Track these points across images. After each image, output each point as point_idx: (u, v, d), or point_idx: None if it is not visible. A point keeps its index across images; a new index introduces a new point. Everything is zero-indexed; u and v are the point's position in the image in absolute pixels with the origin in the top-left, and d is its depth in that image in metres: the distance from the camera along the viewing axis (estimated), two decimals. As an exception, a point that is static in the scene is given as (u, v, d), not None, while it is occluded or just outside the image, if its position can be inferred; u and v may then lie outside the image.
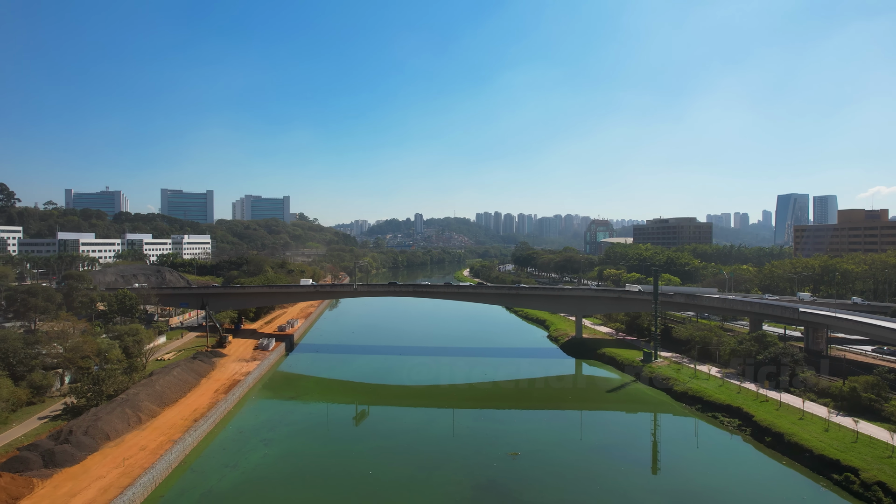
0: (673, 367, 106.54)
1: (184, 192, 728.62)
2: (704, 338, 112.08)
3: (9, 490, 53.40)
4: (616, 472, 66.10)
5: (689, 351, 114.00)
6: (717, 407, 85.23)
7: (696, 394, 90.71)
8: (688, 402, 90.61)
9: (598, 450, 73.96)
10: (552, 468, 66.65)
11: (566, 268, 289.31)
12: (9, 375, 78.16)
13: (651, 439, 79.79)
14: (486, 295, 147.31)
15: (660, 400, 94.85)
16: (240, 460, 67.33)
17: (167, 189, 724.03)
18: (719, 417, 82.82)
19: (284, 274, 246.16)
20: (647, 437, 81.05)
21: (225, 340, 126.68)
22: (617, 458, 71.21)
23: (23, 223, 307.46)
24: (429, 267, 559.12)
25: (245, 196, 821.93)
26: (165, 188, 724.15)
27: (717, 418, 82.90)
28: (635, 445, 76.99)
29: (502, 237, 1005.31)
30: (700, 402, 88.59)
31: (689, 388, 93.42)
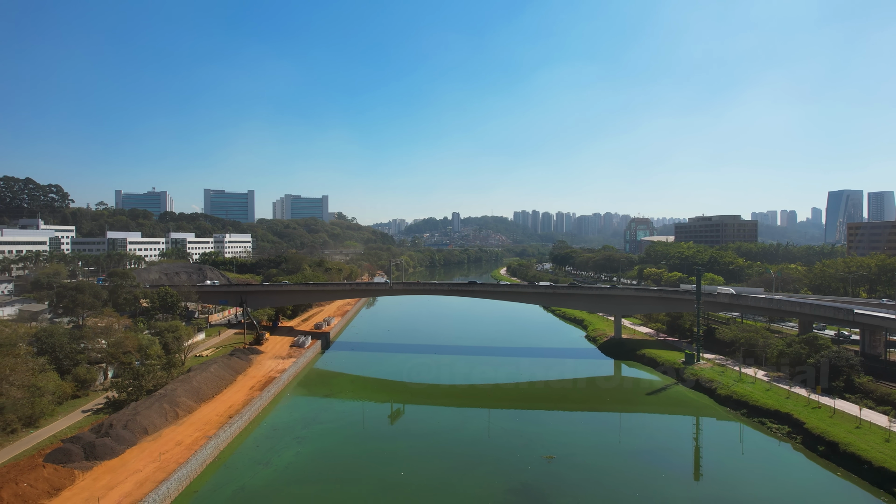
0: (716, 369, 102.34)
1: (226, 193, 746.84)
2: (750, 339, 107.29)
3: (51, 481, 54.66)
4: (656, 477, 63.41)
5: (733, 353, 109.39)
6: (764, 412, 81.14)
7: (742, 398, 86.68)
8: (732, 406, 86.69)
9: (637, 454, 71.19)
10: (589, 473, 64.46)
11: (605, 267, 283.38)
12: (56, 369, 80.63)
13: (693, 444, 76.37)
14: (522, 294, 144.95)
15: (702, 403, 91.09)
16: (272, 458, 67.46)
17: (210, 189, 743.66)
18: (766, 423, 78.80)
19: (322, 272, 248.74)
20: (688, 441, 77.69)
21: (262, 338, 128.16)
22: (657, 463, 68.36)
23: (76, 223, 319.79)
24: (466, 266, 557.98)
25: (285, 196, 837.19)
26: (208, 188, 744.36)
27: (764, 424, 78.90)
28: (676, 450, 73.83)
29: (540, 236, 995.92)
30: (745, 406, 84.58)
31: (733, 391, 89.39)
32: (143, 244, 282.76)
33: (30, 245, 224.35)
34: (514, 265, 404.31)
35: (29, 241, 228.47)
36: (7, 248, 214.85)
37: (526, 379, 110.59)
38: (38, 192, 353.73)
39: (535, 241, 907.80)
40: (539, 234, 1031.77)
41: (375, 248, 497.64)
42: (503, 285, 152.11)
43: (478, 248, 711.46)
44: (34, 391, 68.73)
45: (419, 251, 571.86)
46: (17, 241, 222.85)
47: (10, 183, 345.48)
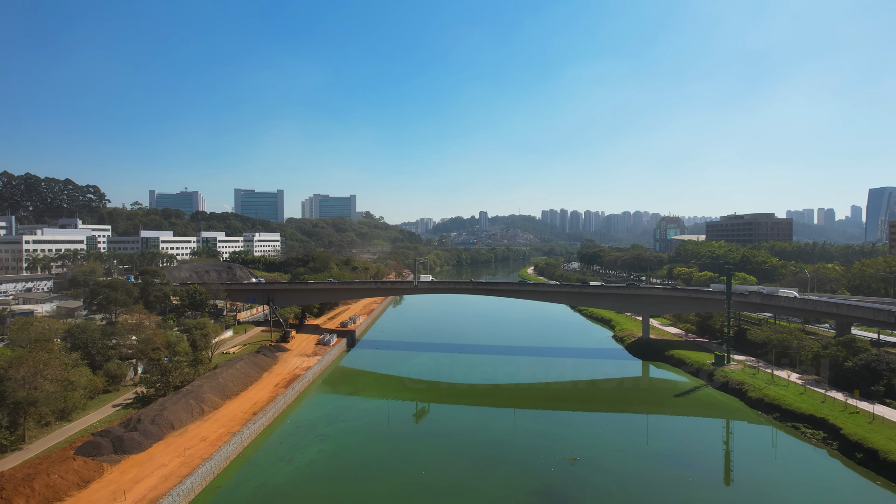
0: (747, 371, 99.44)
1: (256, 192, 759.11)
2: (783, 341, 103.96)
3: (81, 473, 55.90)
4: (683, 482, 61.58)
5: (765, 354, 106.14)
6: (798, 416, 78.38)
7: (774, 401, 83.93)
8: (764, 409, 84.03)
9: (664, 458, 69.42)
10: (613, 476, 63.08)
11: (634, 266, 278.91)
12: (88, 364, 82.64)
13: (723, 448, 74.29)
14: (548, 293, 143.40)
15: (733, 406, 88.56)
16: (295, 455, 67.84)
17: (240, 189, 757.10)
18: (800, 428, 76.04)
19: (349, 271, 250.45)
20: (718, 445, 75.58)
21: (288, 335, 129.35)
22: (684, 467, 66.52)
23: (112, 222, 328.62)
24: (493, 265, 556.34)
25: (313, 195, 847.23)
26: (239, 188, 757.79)
27: (797, 429, 76.18)
28: (705, 454, 71.81)
29: (568, 235, 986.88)
30: (778, 410, 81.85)
31: (765, 394, 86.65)
32: (175, 243, 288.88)
33: (68, 244, 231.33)
34: (541, 264, 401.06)
35: (67, 239, 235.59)
36: (47, 247, 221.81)
37: (551, 379, 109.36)
38: (77, 193, 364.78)
39: (564, 240, 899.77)
40: (567, 232, 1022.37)
41: (402, 247, 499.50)
42: (528, 284, 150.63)
43: (505, 247, 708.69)
44: (67, 385, 70.48)
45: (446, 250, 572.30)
46: (56, 240, 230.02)
47: (52, 184, 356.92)
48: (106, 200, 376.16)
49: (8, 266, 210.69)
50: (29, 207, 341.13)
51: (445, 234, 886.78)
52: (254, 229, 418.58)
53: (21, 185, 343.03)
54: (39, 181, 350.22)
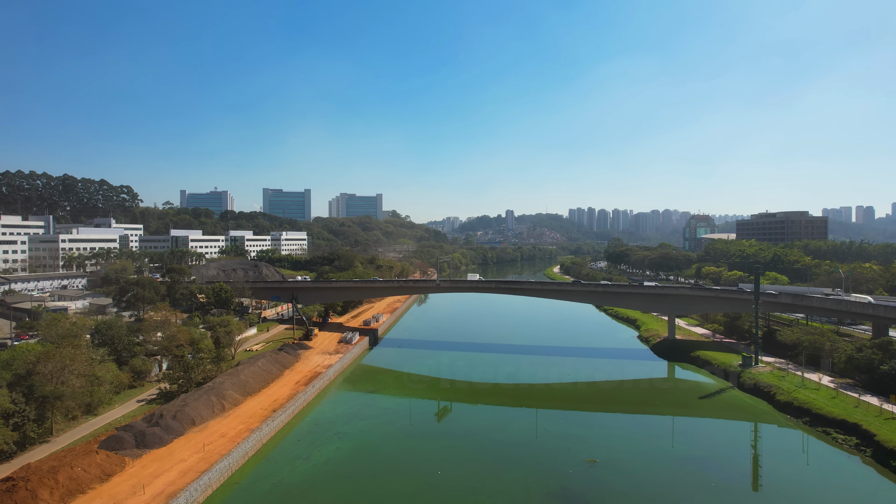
0: (776, 373, 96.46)
1: (283, 192, 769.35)
2: (814, 342, 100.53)
3: (103, 467, 57.04)
4: (706, 486, 59.73)
5: (795, 356, 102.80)
6: (829, 421, 75.67)
7: (804, 405, 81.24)
8: (793, 413, 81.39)
9: (686, 461, 67.60)
10: (632, 479, 61.69)
11: (661, 265, 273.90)
12: (114, 360, 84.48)
13: (749, 452, 72.08)
14: (571, 292, 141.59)
15: (760, 409, 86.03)
16: (312, 452, 68.15)
17: (268, 189, 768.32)
18: (831, 433, 73.45)
19: (373, 269, 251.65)
20: (744, 449, 73.36)
21: (311, 333, 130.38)
22: (708, 471, 64.63)
23: (144, 221, 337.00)
24: (519, 264, 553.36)
25: (340, 194, 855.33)
26: (267, 188, 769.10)
27: (828, 434, 73.60)
28: (730, 459, 69.72)
29: (596, 233, 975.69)
30: (808, 414, 79.20)
31: (794, 397, 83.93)
32: (204, 241, 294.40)
33: (102, 243, 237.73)
34: (567, 263, 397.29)
35: (101, 238, 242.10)
36: (82, 246, 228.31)
37: (573, 379, 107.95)
38: (112, 193, 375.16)
39: (591, 238, 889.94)
40: (595, 231, 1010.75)
41: (428, 246, 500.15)
42: (551, 283, 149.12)
43: (531, 245, 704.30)
44: (93, 381, 72.06)
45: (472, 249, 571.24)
46: (90, 239, 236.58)
47: (88, 185, 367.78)
48: (139, 200, 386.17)
49: (45, 264, 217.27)
50: (66, 207, 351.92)
51: (472, 233, 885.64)
52: (281, 228, 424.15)
53: (59, 186, 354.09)
54: (76, 182, 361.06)
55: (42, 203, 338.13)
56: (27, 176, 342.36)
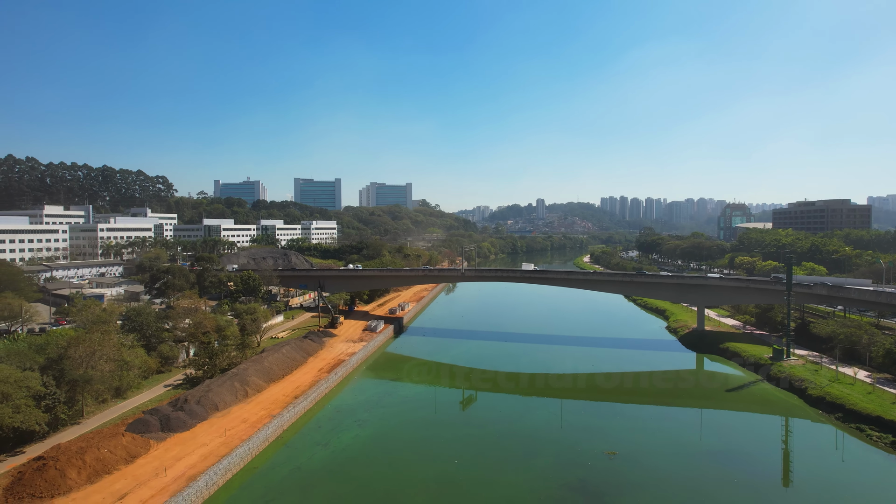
0: (809, 367, 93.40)
1: (314, 181, 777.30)
2: (850, 335, 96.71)
3: (129, 449, 58.82)
4: (728, 482, 58.06)
5: (830, 350, 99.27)
6: (864, 418, 72.90)
7: (837, 400, 78.44)
8: (825, 408, 78.68)
9: (711, 455, 66.04)
10: (654, 473, 60.58)
11: (693, 255, 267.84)
12: (143, 346, 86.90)
13: (776, 447, 69.97)
14: (598, 282, 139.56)
15: (791, 404, 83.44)
16: (332, 439, 68.93)
17: (300, 178, 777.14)
18: (866, 430, 70.76)
19: (401, 258, 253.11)
20: (773, 444, 71.16)
21: (336, 321, 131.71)
22: (734, 465, 62.82)
23: (178, 211, 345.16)
24: (549, 253, 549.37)
25: (370, 183, 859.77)
26: (298, 177, 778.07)
27: (862, 431, 70.93)
28: (756, 454, 67.64)
29: (628, 223, 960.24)
30: (841, 410, 76.45)
31: (827, 392, 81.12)
32: (236, 230, 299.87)
33: (137, 231, 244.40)
34: (597, 253, 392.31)
35: (136, 227, 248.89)
36: (118, 235, 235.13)
37: (598, 370, 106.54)
38: (148, 183, 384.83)
39: (623, 228, 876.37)
40: (627, 220, 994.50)
41: (457, 235, 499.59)
42: (577, 273, 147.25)
43: (562, 235, 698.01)
44: (122, 365, 74.23)
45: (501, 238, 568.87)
46: (126, 228, 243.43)
47: (126, 175, 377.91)
48: (174, 190, 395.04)
49: (85, 252, 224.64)
50: (106, 197, 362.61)
51: (502, 221, 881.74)
52: (312, 217, 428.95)
53: (98, 177, 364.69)
54: (115, 173, 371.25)
55: (83, 193, 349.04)
56: (69, 167, 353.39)
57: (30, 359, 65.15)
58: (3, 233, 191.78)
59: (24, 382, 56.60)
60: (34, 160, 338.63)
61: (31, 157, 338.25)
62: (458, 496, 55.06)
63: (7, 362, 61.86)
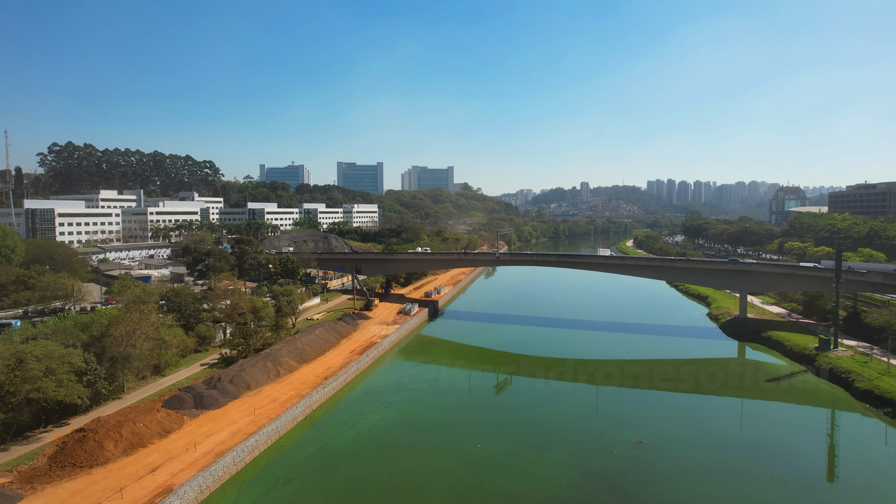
0: (858, 358, 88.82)
1: (357, 165, 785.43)
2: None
3: (163, 424, 61.27)
4: (761, 476, 55.69)
5: (883, 341, 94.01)
6: (915, 414, 69.05)
7: (886, 394, 74.32)
8: (872, 402, 74.75)
9: (745, 447, 63.69)
10: (679, 463, 59.11)
11: (741, 240, 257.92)
12: (182, 326, 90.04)
13: (821, 441, 66.90)
14: (635, 267, 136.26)
15: (836, 396, 79.71)
16: (358, 420, 69.96)
17: (342, 162, 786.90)
18: (917, 427, 67.08)
19: (439, 242, 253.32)
20: (815, 438, 68.08)
21: (371, 304, 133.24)
22: (770, 459, 60.28)
23: (224, 195, 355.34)
24: (592, 237, 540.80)
25: (412, 167, 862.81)
26: (341, 161, 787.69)
27: (913, 427, 67.28)
28: (799, 448, 64.88)
29: (675, 206, 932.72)
30: (890, 405, 72.38)
31: (876, 385, 77.01)
32: (279, 214, 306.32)
33: (184, 215, 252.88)
34: (640, 237, 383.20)
35: (184, 211, 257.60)
36: (167, 218, 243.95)
37: (632, 356, 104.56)
38: (196, 168, 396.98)
39: (670, 211, 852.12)
40: (674, 204, 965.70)
41: (498, 219, 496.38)
42: (613, 258, 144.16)
43: (606, 219, 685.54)
44: (161, 344, 77.18)
45: (543, 222, 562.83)
46: (174, 212, 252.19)
47: (175, 160, 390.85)
48: (220, 175, 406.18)
49: (136, 235, 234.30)
50: (157, 182, 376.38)
51: (545, 205, 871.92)
52: (354, 201, 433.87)
53: (150, 162, 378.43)
54: (165, 158, 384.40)
55: (136, 178, 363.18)
56: (123, 153, 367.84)
57: (74, 336, 68.38)
58: (62, 216, 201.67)
59: (66, 358, 59.42)
60: (91, 147, 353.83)
61: (89, 144, 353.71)
62: (478, 480, 55.04)
63: (53, 339, 65.08)
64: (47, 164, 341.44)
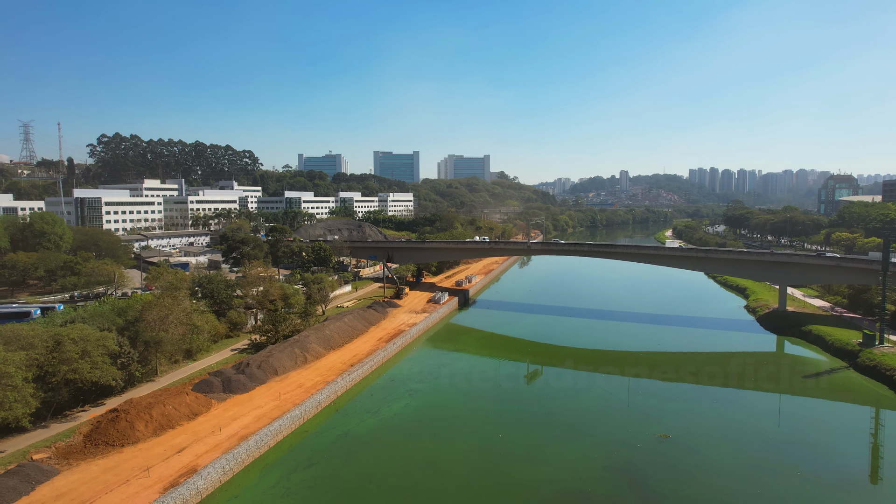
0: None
1: (393, 154, 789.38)
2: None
3: (192, 407, 63.11)
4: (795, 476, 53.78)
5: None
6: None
7: (933, 393, 70.86)
8: (919, 402, 71.35)
9: (776, 444, 61.42)
10: (704, 458, 57.54)
11: (785, 230, 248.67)
12: (214, 312, 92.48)
13: (868, 441, 63.75)
14: (668, 257, 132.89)
15: (880, 395, 76.04)
16: (382, 407, 70.58)
17: (379, 151, 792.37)
18: (965, 427, 63.60)
19: (472, 231, 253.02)
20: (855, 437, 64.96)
21: (402, 292, 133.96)
22: (803, 458, 58.20)
23: (263, 184, 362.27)
24: (630, 226, 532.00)
25: (448, 156, 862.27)
26: (378, 150, 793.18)
27: (960, 428, 63.82)
28: (835, 447, 62.48)
29: (718, 196, 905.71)
30: (937, 404, 69.05)
31: (922, 384, 73.40)
32: (315, 202, 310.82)
33: (223, 203, 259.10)
34: (680, 227, 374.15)
35: (222, 199, 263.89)
36: (206, 206, 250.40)
37: (663, 348, 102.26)
38: (236, 158, 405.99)
39: (713, 201, 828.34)
40: (717, 193, 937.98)
41: (534, 208, 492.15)
42: (646, 247, 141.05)
43: (645, 208, 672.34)
44: (192, 329, 79.45)
45: (580, 211, 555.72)
46: (213, 200, 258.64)
47: (216, 150, 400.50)
48: (259, 164, 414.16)
49: (177, 223, 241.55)
50: (198, 171, 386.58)
51: (582, 194, 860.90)
52: (389, 190, 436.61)
53: (191, 152, 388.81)
54: (206, 148, 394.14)
55: (178, 168, 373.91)
56: (166, 143, 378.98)
57: (110, 320, 70.94)
58: (108, 205, 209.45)
59: (101, 341, 61.67)
60: (137, 137, 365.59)
61: (135, 135, 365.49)
62: (497, 470, 54.77)
63: (90, 323, 67.69)
64: (96, 155, 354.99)
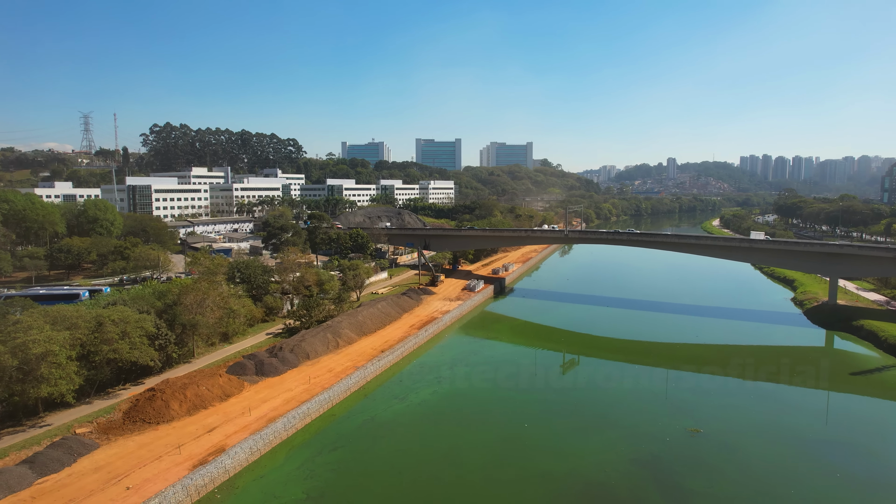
0: (964, 354, 79.67)
1: (435, 142, 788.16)
2: None
3: (225, 388, 65.03)
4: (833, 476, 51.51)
5: None
6: None
7: None
8: (976, 403, 66.99)
9: (813, 443, 58.98)
10: (736, 455, 55.42)
11: (841, 219, 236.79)
12: (251, 297, 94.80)
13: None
14: (710, 247, 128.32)
15: (934, 395, 72.09)
16: (409, 394, 71.01)
17: (420, 139, 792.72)
18: None
19: (512, 218, 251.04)
20: (895, 439, 62.20)
21: (437, 279, 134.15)
22: (843, 458, 55.62)
23: (306, 172, 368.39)
24: (676, 215, 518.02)
25: (490, 143, 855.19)
26: (420, 138, 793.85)
27: None
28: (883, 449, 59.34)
29: (771, 184, 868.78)
30: None
31: (981, 384, 68.85)
32: (357, 190, 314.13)
33: (267, 191, 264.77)
34: (728, 216, 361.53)
35: (266, 187, 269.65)
36: (250, 194, 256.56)
37: (702, 340, 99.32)
38: (280, 146, 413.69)
39: (765, 189, 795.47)
40: (770, 181, 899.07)
41: (577, 196, 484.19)
42: (686, 237, 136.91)
43: (692, 196, 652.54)
44: (229, 313, 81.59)
45: (625, 199, 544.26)
46: (257, 188, 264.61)
47: (261, 138, 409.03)
48: (303, 152, 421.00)
49: (222, 210, 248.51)
50: (244, 159, 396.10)
51: (628, 182, 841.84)
52: (431, 177, 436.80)
53: (238, 141, 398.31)
54: (251, 136, 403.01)
55: (225, 156, 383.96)
56: (214, 132, 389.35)
57: (149, 303, 73.62)
58: (158, 192, 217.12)
59: (140, 323, 64.16)
60: (186, 126, 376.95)
61: (184, 124, 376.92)
62: (520, 459, 54.39)
63: (130, 305, 70.41)
64: (149, 144, 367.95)
